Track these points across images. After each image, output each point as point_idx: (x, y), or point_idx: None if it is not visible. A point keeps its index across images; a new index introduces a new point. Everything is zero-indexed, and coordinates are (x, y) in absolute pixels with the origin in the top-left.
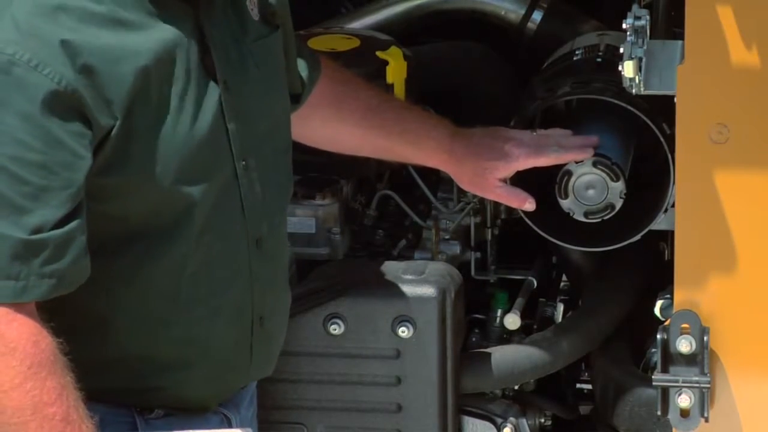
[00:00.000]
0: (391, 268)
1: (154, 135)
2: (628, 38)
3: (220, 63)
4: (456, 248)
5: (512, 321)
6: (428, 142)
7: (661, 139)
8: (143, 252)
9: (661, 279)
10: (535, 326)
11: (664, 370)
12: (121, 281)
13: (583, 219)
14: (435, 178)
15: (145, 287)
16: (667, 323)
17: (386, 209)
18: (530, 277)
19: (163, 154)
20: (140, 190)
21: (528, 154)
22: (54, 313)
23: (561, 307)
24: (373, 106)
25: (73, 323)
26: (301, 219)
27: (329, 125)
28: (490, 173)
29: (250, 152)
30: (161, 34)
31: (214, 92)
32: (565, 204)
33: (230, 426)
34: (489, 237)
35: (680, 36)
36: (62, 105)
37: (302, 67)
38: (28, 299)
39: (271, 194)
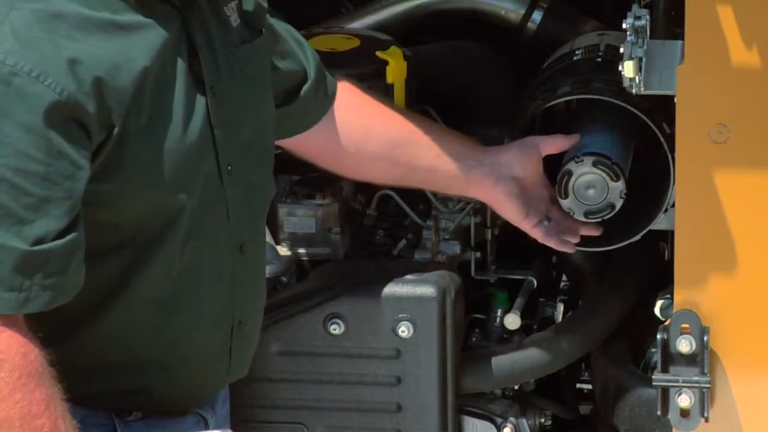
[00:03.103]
0: (391, 268)
1: (147, 140)
2: (628, 38)
3: (208, 68)
4: (456, 248)
5: (512, 321)
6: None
7: (661, 139)
8: (131, 258)
9: (661, 279)
10: (535, 326)
11: (664, 370)
12: (107, 287)
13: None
14: None
15: (130, 293)
16: (667, 323)
17: (386, 209)
18: (530, 277)
19: (154, 160)
20: (131, 196)
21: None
22: (38, 318)
23: (561, 307)
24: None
25: (57, 328)
26: (301, 219)
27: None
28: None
29: (234, 157)
30: (154, 36)
31: (201, 98)
32: (565, 204)
33: (207, 426)
34: (489, 237)
35: (680, 36)
36: (64, 115)
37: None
38: (30, 310)
39: (254, 199)
